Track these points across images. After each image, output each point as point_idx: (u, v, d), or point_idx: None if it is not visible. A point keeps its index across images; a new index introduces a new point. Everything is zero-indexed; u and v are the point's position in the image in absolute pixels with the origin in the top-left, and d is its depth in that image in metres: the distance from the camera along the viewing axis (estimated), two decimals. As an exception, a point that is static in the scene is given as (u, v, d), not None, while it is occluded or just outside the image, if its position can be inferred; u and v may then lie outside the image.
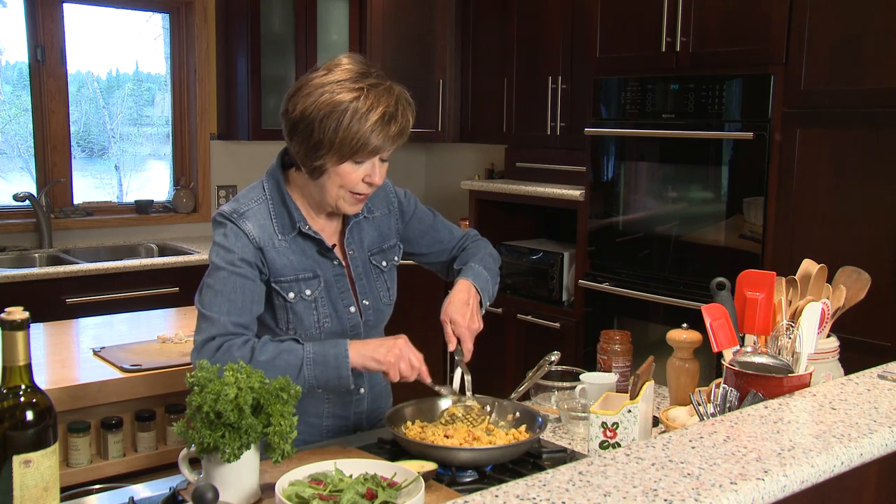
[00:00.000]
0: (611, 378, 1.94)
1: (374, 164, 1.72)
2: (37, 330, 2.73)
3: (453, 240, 2.07)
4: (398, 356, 1.69)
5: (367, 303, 1.87)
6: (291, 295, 1.76)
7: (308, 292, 1.77)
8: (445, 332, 1.80)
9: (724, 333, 1.67)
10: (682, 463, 1.17)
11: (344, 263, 1.84)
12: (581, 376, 1.96)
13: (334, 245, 1.83)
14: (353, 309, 1.83)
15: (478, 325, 1.83)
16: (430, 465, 1.56)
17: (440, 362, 4.48)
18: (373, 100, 1.66)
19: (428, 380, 1.75)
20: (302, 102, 1.69)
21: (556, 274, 3.97)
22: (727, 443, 1.25)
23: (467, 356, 1.81)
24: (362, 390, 1.89)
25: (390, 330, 1.94)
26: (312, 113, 1.67)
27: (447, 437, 1.66)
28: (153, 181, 4.76)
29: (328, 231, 1.84)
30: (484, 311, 1.91)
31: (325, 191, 1.74)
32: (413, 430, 1.70)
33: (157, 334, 2.67)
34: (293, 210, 1.78)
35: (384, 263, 1.92)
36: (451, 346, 1.78)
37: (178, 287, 3.89)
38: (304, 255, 1.78)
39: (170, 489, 1.53)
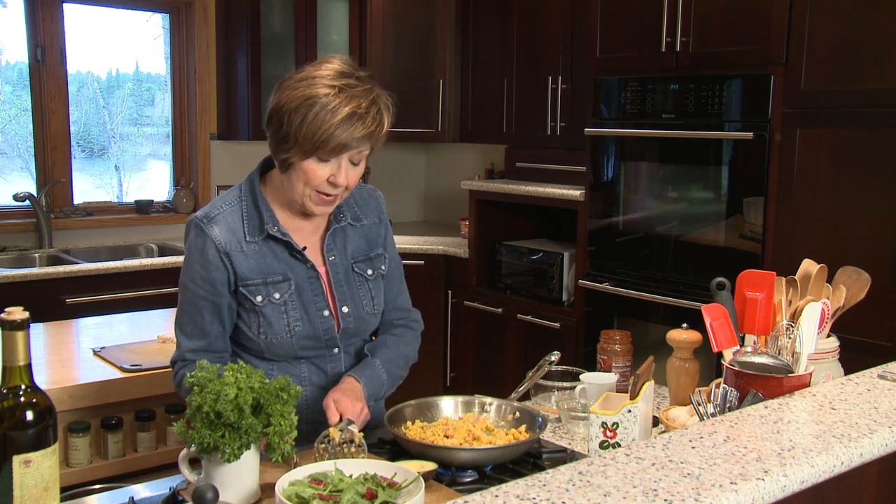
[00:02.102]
0: (611, 378, 1.94)
1: (341, 165, 1.67)
2: (37, 330, 2.73)
3: (395, 305, 1.96)
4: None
5: (346, 310, 1.82)
6: (259, 298, 1.74)
7: (277, 295, 1.75)
8: (329, 411, 1.67)
9: (724, 333, 1.67)
10: (682, 463, 1.17)
11: (322, 268, 1.81)
12: (581, 376, 1.96)
13: (305, 248, 1.78)
14: (326, 313, 1.79)
15: (367, 415, 1.73)
16: (430, 465, 1.56)
17: (440, 374, 4.48)
18: (344, 98, 1.63)
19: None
20: (279, 94, 1.69)
21: (556, 274, 3.97)
22: (727, 443, 1.25)
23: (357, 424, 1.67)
24: (336, 350, 1.84)
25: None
26: (285, 105, 1.65)
27: (447, 436, 1.66)
28: (153, 181, 4.77)
29: (304, 232, 1.81)
30: None
31: (293, 187, 1.71)
32: (413, 430, 1.70)
33: (157, 334, 2.67)
34: (264, 211, 1.75)
35: (369, 272, 1.87)
36: (333, 420, 1.65)
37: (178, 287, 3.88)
38: (274, 257, 1.76)
39: (170, 489, 1.53)
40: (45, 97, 4.17)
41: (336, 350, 1.83)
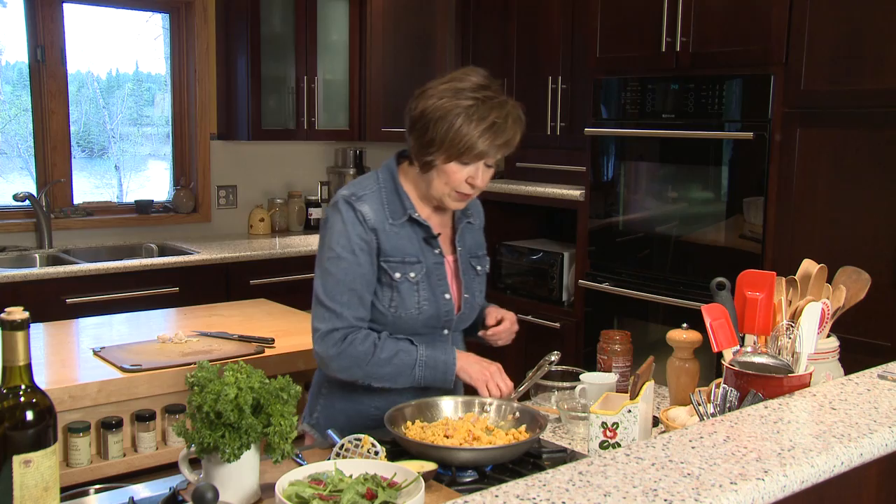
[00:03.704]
0: (611, 378, 1.94)
1: (479, 168, 1.86)
2: (37, 330, 2.73)
3: (482, 299, 2.13)
4: (486, 378, 1.87)
5: (467, 296, 2.01)
6: (398, 275, 1.89)
7: (412, 275, 1.91)
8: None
9: (724, 333, 1.67)
10: (682, 463, 1.17)
11: (451, 257, 2.00)
12: (581, 376, 1.96)
13: (439, 234, 1.96)
14: (447, 296, 1.96)
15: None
16: (430, 465, 1.56)
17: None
18: (485, 110, 1.81)
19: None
20: (423, 103, 1.87)
21: (556, 274, 3.97)
22: (727, 443, 1.25)
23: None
24: (446, 332, 2.02)
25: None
26: (430, 114, 1.84)
27: (447, 437, 1.66)
28: (153, 181, 4.77)
29: (434, 223, 1.97)
30: None
31: (432, 185, 1.89)
32: (413, 430, 1.70)
33: (157, 334, 2.67)
34: (404, 198, 1.93)
35: (479, 268, 2.08)
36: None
37: (178, 287, 3.89)
38: (409, 240, 1.92)
39: (170, 489, 1.53)
40: (45, 97, 4.17)
41: (446, 332, 1.99)
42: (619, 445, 1.65)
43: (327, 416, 1.98)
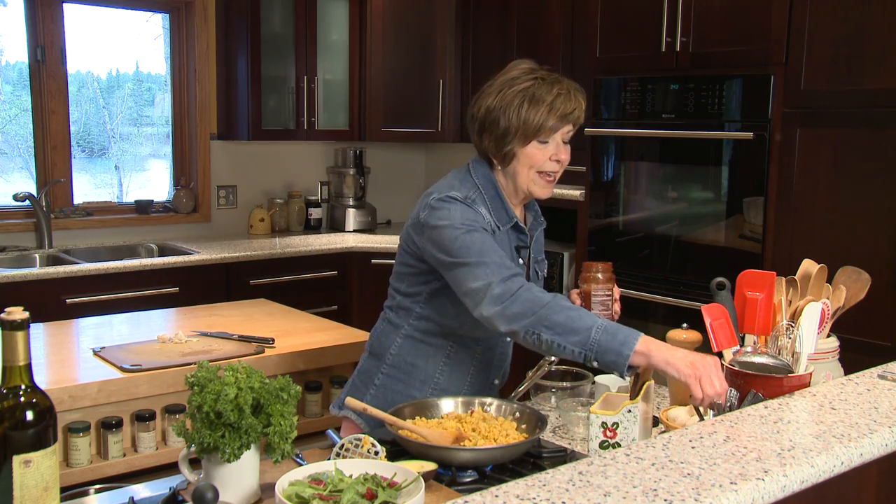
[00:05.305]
0: (624, 381, 1.93)
1: (558, 143, 1.89)
2: (37, 330, 2.73)
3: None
4: (698, 374, 1.55)
5: None
6: None
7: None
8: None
9: (724, 333, 1.67)
10: (682, 463, 1.17)
11: (527, 263, 1.98)
12: (596, 378, 1.96)
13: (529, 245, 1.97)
14: None
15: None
16: (430, 465, 1.56)
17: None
18: (545, 87, 1.86)
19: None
20: (484, 102, 1.90)
21: (556, 274, 3.97)
22: (727, 443, 1.25)
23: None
24: (496, 381, 2.04)
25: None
26: (495, 108, 1.87)
27: (462, 423, 1.69)
28: (153, 181, 4.76)
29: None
30: None
31: (518, 175, 1.89)
32: (420, 423, 1.71)
33: (157, 334, 2.67)
34: (507, 204, 1.93)
35: (540, 273, 2.07)
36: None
37: (178, 287, 3.89)
38: (508, 247, 1.92)
39: (170, 489, 1.53)
40: (45, 97, 4.17)
41: (509, 339, 2.00)
42: (619, 445, 1.65)
43: (379, 406, 1.89)
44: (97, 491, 1.92)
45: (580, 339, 1.63)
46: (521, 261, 1.95)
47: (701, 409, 1.61)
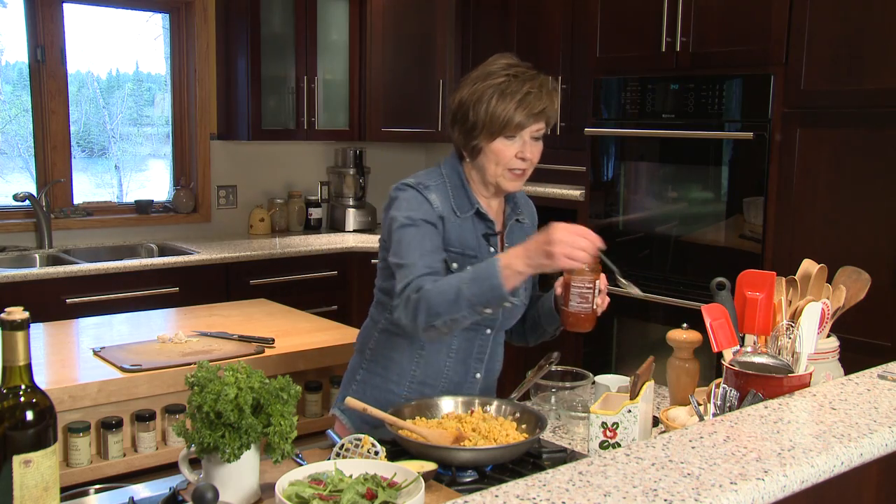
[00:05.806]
0: (626, 380, 1.93)
1: (525, 140, 1.87)
2: (37, 330, 2.73)
3: (526, 298, 2.08)
4: (554, 253, 1.64)
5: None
6: (455, 266, 1.88)
7: (469, 269, 1.83)
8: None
9: (724, 333, 1.67)
10: (682, 463, 1.17)
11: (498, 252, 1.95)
12: (597, 378, 1.96)
13: (500, 232, 1.96)
14: None
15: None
16: (430, 465, 1.56)
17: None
18: (517, 84, 1.85)
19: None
20: (459, 94, 1.91)
21: (557, 274, 3.97)
22: (727, 443, 1.25)
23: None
24: (478, 375, 2.00)
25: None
26: (467, 100, 1.88)
27: (462, 422, 1.69)
28: (153, 181, 4.76)
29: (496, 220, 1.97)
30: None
31: (486, 169, 1.90)
32: (420, 422, 1.71)
33: (157, 334, 2.67)
34: (470, 192, 1.93)
35: None
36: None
37: (178, 287, 3.89)
38: (471, 234, 1.91)
39: (170, 489, 1.53)
40: (45, 97, 4.17)
41: (489, 331, 1.98)
42: (619, 445, 1.65)
43: (360, 400, 1.94)
44: (97, 491, 1.92)
45: (463, 303, 1.67)
46: (491, 249, 1.93)
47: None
